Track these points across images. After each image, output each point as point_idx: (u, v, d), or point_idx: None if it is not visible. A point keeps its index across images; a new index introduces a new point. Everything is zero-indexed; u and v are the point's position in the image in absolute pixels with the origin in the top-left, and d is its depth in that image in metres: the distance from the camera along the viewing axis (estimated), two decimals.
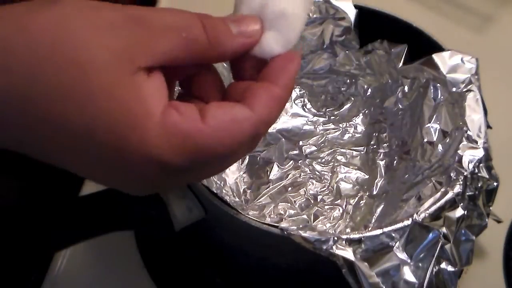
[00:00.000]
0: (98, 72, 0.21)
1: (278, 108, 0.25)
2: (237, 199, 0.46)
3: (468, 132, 0.37)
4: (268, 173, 0.48)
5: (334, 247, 0.31)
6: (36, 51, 0.21)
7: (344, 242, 0.31)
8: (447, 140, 0.40)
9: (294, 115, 0.51)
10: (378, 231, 0.32)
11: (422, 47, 0.43)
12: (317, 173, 0.48)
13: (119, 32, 0.22)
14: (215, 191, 0.35)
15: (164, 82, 0.23)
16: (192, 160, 0.23)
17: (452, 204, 0.33)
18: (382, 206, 0.44)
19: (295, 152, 0.49)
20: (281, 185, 0.47)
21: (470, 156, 0.36)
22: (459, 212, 0.34)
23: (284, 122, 0.51)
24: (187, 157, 0.23)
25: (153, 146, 0.22)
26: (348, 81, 0.50)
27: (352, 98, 0.51)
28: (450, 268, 0.33)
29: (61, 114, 0.21)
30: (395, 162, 0.47)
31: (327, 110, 0.51)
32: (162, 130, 0.22)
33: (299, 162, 0.49)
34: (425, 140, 0.42)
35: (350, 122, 0.51)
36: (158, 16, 0.23)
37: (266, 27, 0.26)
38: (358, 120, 0.51)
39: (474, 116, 0.38)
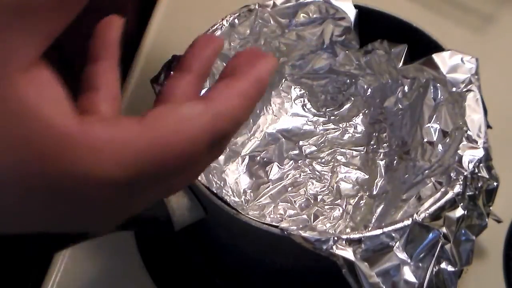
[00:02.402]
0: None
1: (243, 102, 0.21)
2: (237, 199, 0.46)
3: (468, 132, 0.37)
4: (268, 173, 0.48)
5: (334, 247, 0.31)
6: None
7: (344, 242, 0.31)
8: (447, 140, 0.40)
9: (294, 115, 0.51)
10: (378, 231, 0.32)
11: (422, 47, 0.43)
12: (317, 173, 0.48)
13: None
14: (215, 191, 0.35)
15: (52, 76, 0.18)
16: (138, 169, 0.19)
17: (452, 204, 0.33)
18: (382, 206, 0.44)
19: (295, 152, 0.49)
20: (281, 185, 0.47)
21: (470, 156, 0.36)
22: (459, 212, 0.34)
23: (284, 122, 0.51)
24: (130, 167, 0.18)
25: (85, 164, 0.18)
26: (348, 81, 0.50)
27: (352, 98, 0.51)
28: (450, 268, 0.33)
29: None
30: (395, 162, 0.47)
31: (327, 110, 0.51)
32: (89, 145, 0.18)
33: (299, 162, 0.49)
34: (425, 140, 0.42)
35: (350, 122, 0.51)
36: None
37: None
38: (358, 120, 0.51)
39: (474, 116, 0.38)
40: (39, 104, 0.17)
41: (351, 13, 0.46)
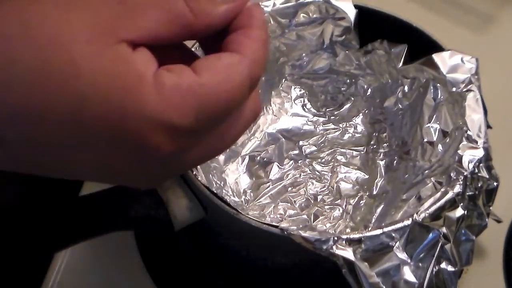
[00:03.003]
0: (78, 46, 0.20)
1: (263, 47, 0.24)
2: (237, 199, 0.46)
3: (468, 132, 0.37)
4: (268, 173, 0.48)
5: (334, 247, 0.31)
6: (5, 37, 0.19)
7: (344, 242, 0.31)
8: (447, 140, 0.40)
9: (294, 115, 0.51)
10: (378, 231, 0.32)
11: (422, 47, 0.43)
12: (317, 173, 0.48)
13: (98, 8, 0.21)
14: (215, 191, 0.35)
15: (150, 54, 0.22)
16: (197, 116, 0.21)
17: (452, 204, 0.33)
18: (382, 206, 0.44)
19: (295, 152, 0.49)
20: (281, 185, 0.47)
21: (470, 156, 0.36)
22: (459, 212, 0.34)
23: (284, 122, 0.51)
24: (190, 113, 0.21)
25: (152, 107, 0.20)
26: (348, 81, 0.50)
27: (352, 98, 0.51)
28: (450, 268, 0.33)
29: (44, 95, 0.20)
30: (395, 162, 0.47)
31: (327, 110, 0.51)
32: (158, 89, 0.21)
33: (299, 162, 0.49)
34: (425, 140, 0.42)
35: (350, 122, 0.51)
36: None
37: None
38: (358, 120, 0.51)
39: (474, 116, 0.38)
40: (133, 59, 0.21)
41: (351, 13, 0.46)
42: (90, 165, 0.22)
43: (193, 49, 0.30)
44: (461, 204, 0.34)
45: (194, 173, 0.35)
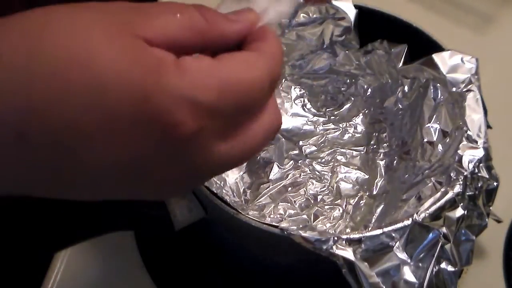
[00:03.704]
0: (98, 37, 0.20)
1: (280, 51, 0.25)
2: (237, 199, 0.46)
3: (468, 132, 0.37)
4: (268, 173, 0.48)
5: (334, 247, 0.31)
6: (25, 30, 0.20)
7: (344, 242, 0.31)
8: (447, 140, 0.40)
9: (294, 115, 0.51)
10: (378, 231, 0.32)
11: (422, 47, 0.43)
12: (317, 173, 0.48)
13: (113, 13, 0.21)
14: (215, 191, 0.35)
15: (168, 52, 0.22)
16: (219, 95, 0.22)
17: (452, 204, 0.33)
18: (382, 206, 0.44)
19: (295, 152, 0.49)
20: (281, 185, 0.47)
21: (470, 156, 0.36)
22: (459, 212, 0.34)
23: (284, 122, 0.51)
24: (213, 90, 0.21)
25: (174, 85, 0.21)
26: (348, 81, 0.50)
27: (352, 98, 0.51)
28: (450, 268, 0.33)
29: (65, 83, 0.20)
30: (395, 162, 0.47)
31: (327, 110, 0.51)
32: (179, 70, 0.21)
33: (299, 162, 0.49)
34: (425, 140, 0.42)
35: (350, 122, 0.51)
36: (152, 5, 0.23)
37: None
38: (358, 120, 0.51)
39: (474, 116, 0.38)
40: (152, 48, 0.21)
41: (351, 13, 0.46)
42: (115, 163, 0.22)
43: None
44: (461, 204, 0.34)
45: None
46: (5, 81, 0.20)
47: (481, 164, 0.36)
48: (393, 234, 0.32)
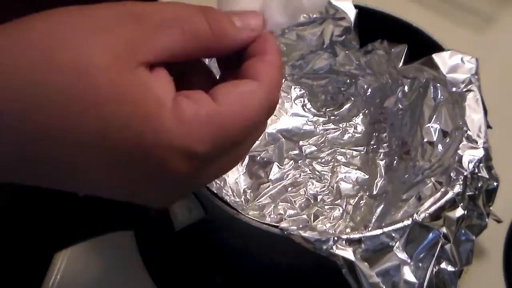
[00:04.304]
0: (100, 71, 0.21)
1: (278, 72, 0.25)
2: (237, 199, 0.46)
3: (468, 132, 0.37)
4: (268, 173, 0.48)
5: (334, 247, 0.31)
6: (31, 61, 0.20)
7: (344, 242, 0.31)
8: (447, 140, 0.40)
9: (294, 115, 0.51)
10: (378, 231, 0.32)
11: (422, 47, 0.43)
12: (317, 173, 0.48)
13: (115, 30, 0.21)
14: (215, 191, 0.35)
15: (169, 76, 0.23)
16: (215, 143, 0.22)
17: (452, 204, 0.33)
18: (382, 206, 0.44)
19: (295, 152, 0.49)
20: (281, 185, 0.47)
21: (470, 156, 0.36)
22: (459, 212, 0.34)
23: (284, 122, 0.51)
24: (208, 140, 0.22)
25: (171, 134, 0.21)
26: (348, 81, 0.50)
27: (352, 98, 0.51)
28: (450, 268, 0.33)
29: (66, 120, 0.20)
30: (395, 162, 0.47)
31: (327, 110, 0.51)
32: (177, 117, 0.21)
33: (299, 162, 0.49)
34: (425, 140, 0.42)
35: (350, 122, 0.51)
36: (157, 11, 0.23)
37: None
38: (358, 120, 0.51)
39: (474, 116, 0.38)
40: (153, 85, 0.21)
41: (351, 13, 0.46)
42: (108, 184, 0.23)
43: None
44: (461, 204, 0.34)
45: None
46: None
47: (481, 164, 0.36)
48: (393, 234, 0.32)
